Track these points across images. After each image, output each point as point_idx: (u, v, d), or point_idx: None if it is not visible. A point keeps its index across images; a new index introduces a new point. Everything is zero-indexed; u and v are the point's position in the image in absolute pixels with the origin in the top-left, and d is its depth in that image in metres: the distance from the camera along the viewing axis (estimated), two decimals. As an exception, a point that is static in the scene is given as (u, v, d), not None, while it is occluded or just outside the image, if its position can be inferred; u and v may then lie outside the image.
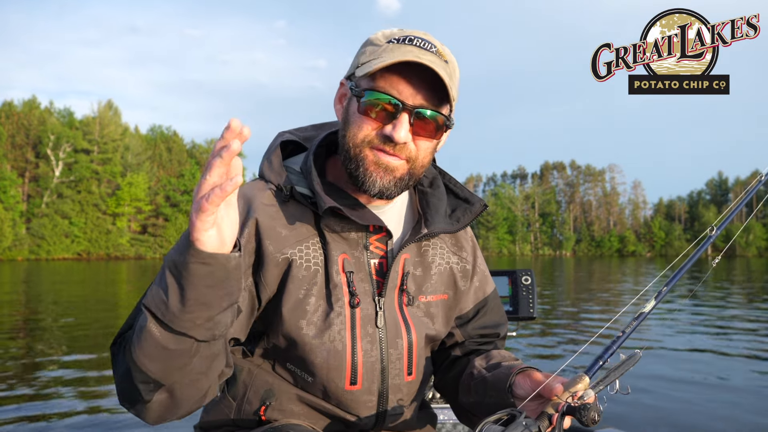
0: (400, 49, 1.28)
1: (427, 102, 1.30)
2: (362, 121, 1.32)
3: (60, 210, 76.57)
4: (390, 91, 1.28)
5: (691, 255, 1.44)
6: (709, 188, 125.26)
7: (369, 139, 1.32)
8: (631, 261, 72.96)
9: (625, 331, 1.25)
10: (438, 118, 1.32)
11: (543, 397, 1.22)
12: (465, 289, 1.58)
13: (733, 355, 7.69)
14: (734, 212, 1.51)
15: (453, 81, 1.33)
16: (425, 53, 1.28)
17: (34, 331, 10.03)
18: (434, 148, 1.40)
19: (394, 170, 1.33)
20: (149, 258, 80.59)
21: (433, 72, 1.26)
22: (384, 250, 1.45)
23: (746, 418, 4.94)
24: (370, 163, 1.32)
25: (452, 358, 1.60)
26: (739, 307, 14.25)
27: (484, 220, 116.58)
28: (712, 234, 1.45)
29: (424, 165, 1.38)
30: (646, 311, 1.29)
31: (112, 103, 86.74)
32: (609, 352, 1.20)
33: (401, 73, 1.28)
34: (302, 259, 1.36)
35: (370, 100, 1.30)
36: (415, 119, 1.30)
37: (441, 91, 1.29)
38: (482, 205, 1.56)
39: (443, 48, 1.35)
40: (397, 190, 1.37)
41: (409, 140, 1.31)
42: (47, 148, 77.14)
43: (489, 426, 1.08)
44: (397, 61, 1.25)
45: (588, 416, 1.06)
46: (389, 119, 1.30)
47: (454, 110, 1.40)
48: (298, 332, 1.35)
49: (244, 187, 1.42)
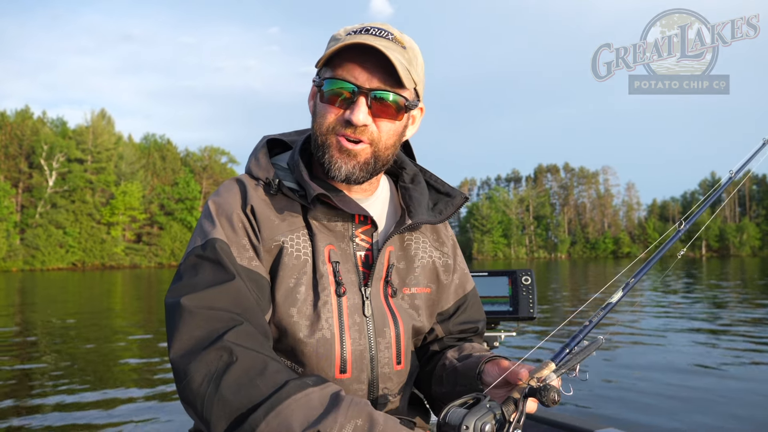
0: (355, 38, 1.34)
1: (385, 84, 1.34)
2: (325, 110, 1.38)
3: (54, 220, 76.44)
4: (347, 77, 1.34)
5: (659, 249, 1.49)
6: (703, 189, 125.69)
7: (332, 125, 1.37)
8: (626, 262, 73.14)
9: (592, 320, 1.29)
10: (398, 99, 1.37)
11: (510, 385, 1.26)
12: (447, 284, 1.61)
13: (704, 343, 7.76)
14: (702, 209, 1.59)
15: (412, 65, 1.38)
16: (379, 40, 1.35)
17: (28, 344, 10.01)
18: (399, 130, 1.43)
19: (357, 155, 1.38)
20: (144, 267, 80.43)
21: (386, 56, 1.31)
22: (369, 242, 1.49)
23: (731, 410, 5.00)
24: (334, 149, 1.38)
25: (430, 354, 1.62)
26: (704, 300, 14.35)
27: (479, 224, 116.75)
28: (680, 228, 1.51)
29: (388, 146, 1.41)
30: (613, 302, 1.33)
31: (105, 112, 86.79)
32: (575, 341, 1.24)
33: (357, 61, 1.34)
34: (293, 247, 1.40)
35: (330, 89, 1.36)
36: (373, 101, 1.34)
37: (397, 74, 1.33)
38: (463, 197, 1.61)
39: (402, 36, 1.40)
40: (364, 175, 1.41)
41: (369, 122, 1.35)
42: (41, 158, 77.04)
43: (454, 409, 1.11)
44: (345, 44, 1.32)
45: (548, 397, 1.11)
46: (349, 104, 1.35)
47: (422, 93, 1.45)
48: (289, 320, 1.37)
49: (236, 178, 1.48)
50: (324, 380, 1.21)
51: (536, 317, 2.41)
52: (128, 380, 6.72)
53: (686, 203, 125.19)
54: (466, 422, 1.08)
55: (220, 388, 1.15)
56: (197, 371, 1.18)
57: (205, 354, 1.19)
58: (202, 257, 1.32)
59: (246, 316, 1.27)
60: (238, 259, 1.33)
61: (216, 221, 1.37)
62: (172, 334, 1.24)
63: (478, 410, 1.10)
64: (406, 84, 1.35)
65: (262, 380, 1.16)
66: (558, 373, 1.18)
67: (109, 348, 9.19)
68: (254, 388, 1.15)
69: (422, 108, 1.50)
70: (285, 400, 1.12)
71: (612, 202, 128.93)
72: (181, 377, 1.20)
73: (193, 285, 1.29)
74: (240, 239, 1.36)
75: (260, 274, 1.36)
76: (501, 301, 2.44)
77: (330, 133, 1.38)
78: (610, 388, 5.98)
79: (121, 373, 7.23)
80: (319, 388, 1.16)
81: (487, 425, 1.09)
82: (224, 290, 1.28)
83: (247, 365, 1.17)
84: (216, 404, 1.15)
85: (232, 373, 1.16)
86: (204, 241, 1.34)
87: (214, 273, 1.30)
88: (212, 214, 1.39)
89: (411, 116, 1.47)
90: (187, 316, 1.24)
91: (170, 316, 1.27)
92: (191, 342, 1.22)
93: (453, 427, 1.09)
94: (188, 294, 1.26)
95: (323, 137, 1.39)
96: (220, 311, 1.25)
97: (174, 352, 1.22)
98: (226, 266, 1.30)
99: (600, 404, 5.45)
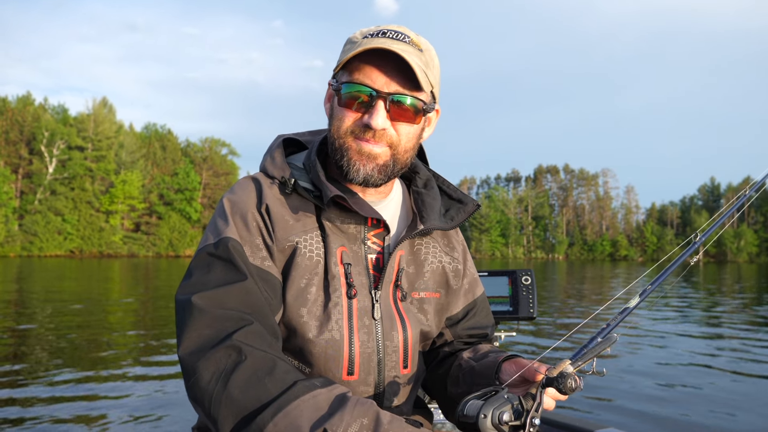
0: (372, 41, 1.33)
1: (403, 88, 1.35)
2: (343, 114, 1.38)
3: (53, 207, 76.31)
4: (365, 81, 1.34)
5: (676, 258, 1.51)
6: (702, 194, 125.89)
7: (351, 129, 1.37)
8: (623, 265, 73.29)
9: (611, 323, 1.31)
10: (416, 103, 1.37)
11: (529, 383, 1.28)
12: (456, 289, 1.62)
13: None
14: (718, 223, 1.63)
15: (429, 68, 1.38)
16: (396, 43, 1.34)
17: (25, 331, 10.05)
18: (417, 133, 1.44)
19: (377, 157, 1.38)
20: (142, 256, 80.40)
21: (404, 59, 1.31)
22: (381, 246, 1.49)
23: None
24: (354, 152, 1.38)
25: (441, 357, 1.63)
26: (702, 302, 14.43)
27: (477, 222, 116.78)
28: (696, 240, 1.55)
29: (407, 150, 1.42)
30: (630, 306, 1.36)
31: (107, 100, 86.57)
32: (593, 342, 1.25)
33: (375, 64, 1.34)
34: (306, 248, 1.40)
35: (348, 92, 1.36)
36: (392, 105, 1.35)
37: (415, 77, 1.33)
38: (475, 205, 1.61)
39: (418, 38, 1.40)
40: (383, 177, 1.41)
41: (387, 126, 1.36)
42: (41, 144, 76.88)
43: (472, 401, 1.12)
44: (364, 48, 1.32)
45: (566, 384, 1.10)
46: (367, 108, 1.35)
47: (438, 96, 1.46)
48: (299, 320, 1.37)
49: (251, 176, 1.49)
50: (331, 382, 1.21)
51: (536, 317, 2.40)
52: (128, 374, 6.72)
53: (685, 208, 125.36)
54: (484, 411, 1.08)
55: (228, 386, 1.15)
56: (206, 369, 1.18)
57: (214, 352, 1.19)
58: (215, 255, 1.32)
59: (256, 316, 1.27)
60: (251, 258, 1.33)
61: (230, 219, 1.37)
62: (182, 332, 1.24)
63: (495, 400, 1.10)
64: (423, 87, 1.35)
65: (271, 380, 1.16)
66: (575, 366, 1.18)
67: (108, 340, 9.20)
68: (262, 388, 1.14)
69: (438, 110, 1.50)
70: (293, 401, 1.12)
71: (611, 204, 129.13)
72: (190, 375, 1.20)
73: (204, 283, 1.29)
74: (254, 238, 1.37)
75: (272, 274, 1.36)
76: (501, 301, 2.45)
77: (348, 136, 1.38)
78: (610, 389, 6.01)
79: (119, 364, 7.25)
80: (327, 390, 1.16)
81: (505, 414, 1.09)
82: (235, 290, 1.28)
83: (256, 365, 1.17)
84: (224, 403, 1.15)
85: (240, 372, 1.16)
86: (217, 239, 1.34)
87: (225, 272, 1.30)
88: (226, 212, 1.39)
89: (428, 118, 1.48)
90: (197, 315, 1.24)
91: (180, 314, 1.27)
92: (201, 340, 1.22)
93: (471, 417, 1.09)
94: (199, 292, 1.27)
95: (341, 140, 1.39)
96: (231, 310, 1.25)
97: (183, 350, 1.22)
98: (238, 266, 1.31)
99: (600, 404, 5.49)
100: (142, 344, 8.64)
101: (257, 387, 1.15)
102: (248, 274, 1.31)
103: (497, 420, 1.08)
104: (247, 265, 1.32)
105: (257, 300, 1.29)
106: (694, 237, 1.56)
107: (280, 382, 1.16)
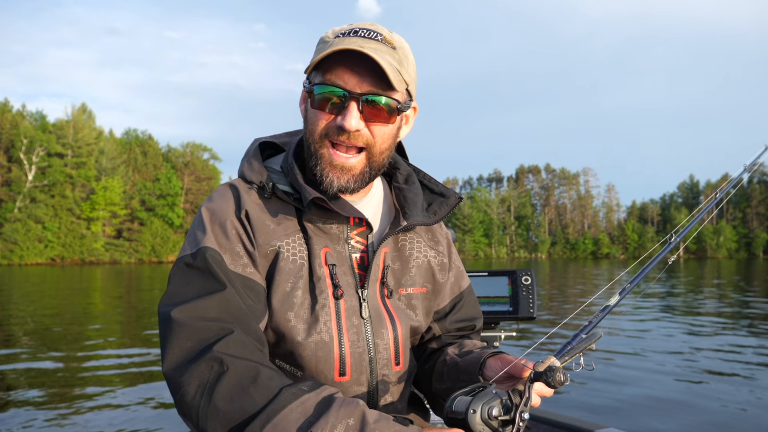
0: (343, 41, 1.31)
1: (376, 88, 1.32)
2: (317, 116, 1.35)
3: (33, 214, 75.41)
4: (337, 82, 1.31)
5: (653, 258, 1.53)
6: (681, 191, 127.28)
7: (324, 132, 1.35)
8: (606, 263, 73.77)
9: (592, 321, 1.30)
10: (390, 102, 1.34)
11: (514, 379, 1.28)
12: (443, 282, 1.61)
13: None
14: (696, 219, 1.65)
15: (403, 66, 1.35)
16: (368, 42, 1.31)
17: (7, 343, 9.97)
18: (393, 132, 1.41)
19: (351, 169, 1.37)
20: (124, 263, 79.54)
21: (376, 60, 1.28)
22: (364, 244, 1.49)
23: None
24: (326, 163, 1.36)
25: (429, 351, 1.63)
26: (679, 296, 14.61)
27: (461, 223, 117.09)
28: (671, 241, 1.57)
29: (383, 150, 1.40)
30: (611, 304, 1.36)
31: (86, 106, 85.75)
32: (576, 339, 1.24)
33: (346, 65, 1.31)
34: (289, 252, 1.39)
35: (320, 94, 1.33)
36: (365, 106, 1.32)
37: (387, 77, 1.30)
38: (457, 197, 1.60)
39: (391, 35, 1.38)
40: (360, 184, 1.40)
41: (362, 127, 1.33)
42: (20, 152, 75.97)
43: (461, 397, 1.12)
44: (334, 50, 1.29)
45: (554, 378, 1.10)
46: (340, 110, 1.33)
47: (415, 92, 1.44)
48: (287, 324, 1.36)
49: (229, 183, 1.47)
50: (320, 384, 1.19)
51: (536, 317, 2.39)
52: (119, 388, 6.67)
53: (665, 205, 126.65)
54: (473, 406, 1.08)
55: (213, 399, 1.14)
56: (190, 383, 1.16)
57: (196, 366, 1.17)
58: (192, 266, 1.31)
59: (237, 325, 1.24)
60: (231, 266, 1.32)
61: (208, 229, 1.36)
62: (164, 347, 1.22)
63: (484, 395, 1.10)
64: (396, 86, 1.32)
65: (255, 389, 1.14)
66: (562, 362, 1.18)
67: (95, 353, 9.10)
68: (248, 398, 1.13)
69: (415, 107, 1.48)
70: (281, 411, 1.10)
71: (592, 203, 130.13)
72: (176, 390, 1.19)
73: (183, 295, 1.27)
74: (234, 246, 1.35)
75: (255, 280, 1.35)
76: (501, 301, 2.44)
77: (322, 141, 1.36)
78: (610, 389, 5.98)
79: (108, 378, 7.19)
80: (315, 393, 1.14)
81: (495, 408, 1.08)
82: (215, 300, 1.26)
83: (238, 374, 1.15)
84: (210, 416, 1.13)
85: (224, 383, 1.14)
86: (195, 249, 1.32)
87: (204, 283, 1.28)
88: (204, 222, 1.37)
89: (404, 116, 1.46)
90: (177, 328, 1.22)
91: (162, 328, 1.26)
92: (182, 354, 1.20)
93: (460, 413, 1.09)
94: (179, 305, 1.25)
95: (316, 144, 1.37)
96: (210, 321, 1.23)
97: (167, 365, 1.21)
98: (216, 275, 1.29)
99: (600, 405, 5.46)
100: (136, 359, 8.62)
101: (242, 397, 1.13)
102: (227, 283, 1.28)
103: (487, 415, 1.08)
104: (226, 274, 1.30)
105: (238, 308, 1.27)
106: (670, 237, 1.58)
107: (266, 390, 1.14)
